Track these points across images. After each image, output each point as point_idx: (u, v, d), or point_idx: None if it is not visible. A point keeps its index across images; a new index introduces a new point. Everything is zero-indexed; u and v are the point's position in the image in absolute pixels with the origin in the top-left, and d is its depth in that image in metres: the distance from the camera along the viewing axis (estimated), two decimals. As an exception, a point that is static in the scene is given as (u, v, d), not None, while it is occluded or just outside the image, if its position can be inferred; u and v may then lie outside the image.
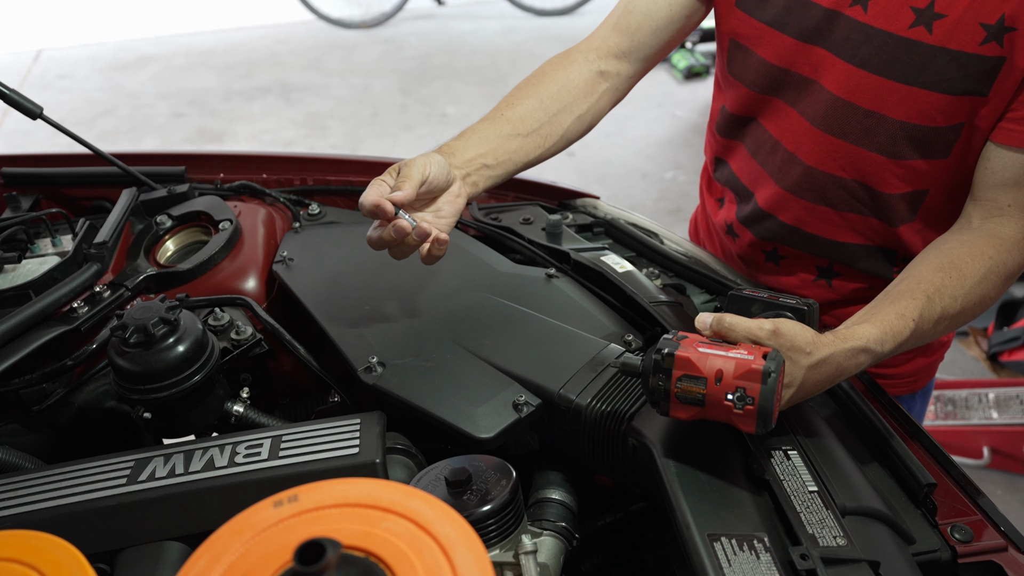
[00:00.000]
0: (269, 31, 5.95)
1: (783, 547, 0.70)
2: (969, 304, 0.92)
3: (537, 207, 1.30)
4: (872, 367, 0.87)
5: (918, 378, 1.31)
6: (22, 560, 0.60)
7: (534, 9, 5.94)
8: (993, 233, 0.96)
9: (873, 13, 0.96)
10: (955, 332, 2.45)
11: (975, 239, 0.95)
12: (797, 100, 1.07)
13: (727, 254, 1.34)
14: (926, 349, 1.28)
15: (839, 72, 1.00)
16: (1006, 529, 0.79)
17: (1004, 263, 0.94)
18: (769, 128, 1.13)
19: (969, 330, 2.86)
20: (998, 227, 0.96)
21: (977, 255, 0.93)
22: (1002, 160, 0.95)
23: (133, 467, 0.80)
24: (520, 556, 0.77)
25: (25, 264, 1.14)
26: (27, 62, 5.61)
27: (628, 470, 0.85)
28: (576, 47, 1.16)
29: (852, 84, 1.00)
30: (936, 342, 1.29)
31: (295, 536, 0.53)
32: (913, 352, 1.25)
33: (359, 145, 4.40)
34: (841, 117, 1.03)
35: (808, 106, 1.06)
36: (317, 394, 1.11)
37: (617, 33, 1.14)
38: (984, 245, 0.94)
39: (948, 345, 1.34)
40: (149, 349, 0.89)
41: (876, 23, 0.96)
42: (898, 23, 0.95)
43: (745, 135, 1.19)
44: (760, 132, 1.15)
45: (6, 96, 1.20)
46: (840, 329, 0.83)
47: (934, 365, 1.34)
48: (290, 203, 1.32)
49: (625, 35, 1.13)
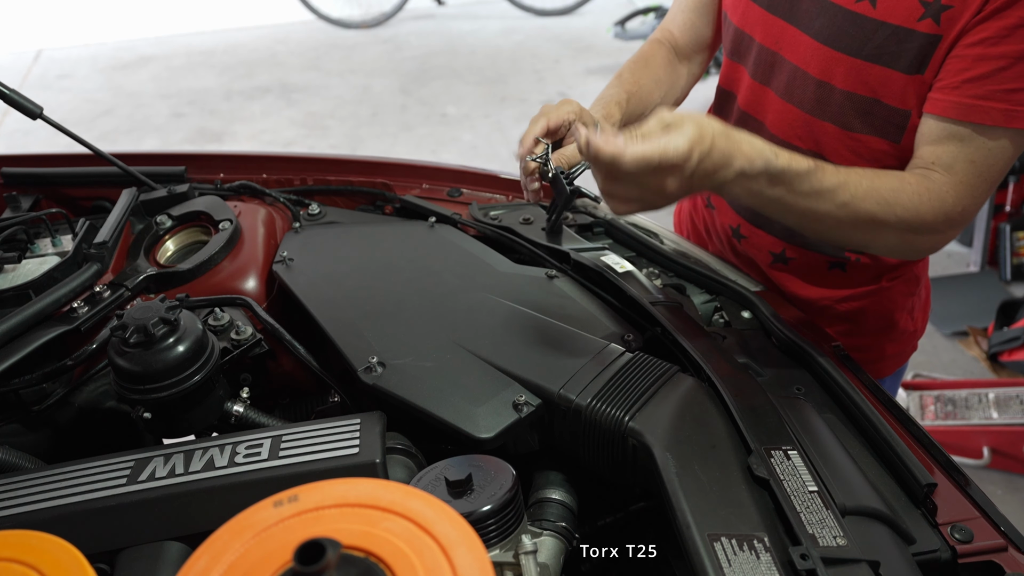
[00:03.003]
0: (269, 31, 5.95)
1: (783, 547, 0.70)
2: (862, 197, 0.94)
3: (537, 207, 1.30)
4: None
5: (885, 364, 1.33)
6: (22, 560, 0.60)
7: (534, 9, 5.94)
8: (918, 173, 0.99)
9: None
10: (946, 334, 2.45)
11: (900, 172, 1.00)
12: (764, 72, 1.13)
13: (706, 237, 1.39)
14: (895, 335, 1.30)
15: (798, 44, 1.06)
16: (1006, 529, 0.79)
17: (916, 191, 0.96)
18: (740, 99, 1.20)
19: (969, 330, 2.87)
20: (925, 173, 0.99)
21: (894, 174, 0.98)
22: (928, 125, 0.99)
23: (133, 467, 0.80)
24: (520, 556, 0.77)
25: (25, 264, 1.14)
26: (27, 62, 5.61)
27: (628, 470, 0.85)
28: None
29: (808, 55, 1.05)
30: (907, 329, 1.30)
31: (295, 536, 0.53)
32: (879, 337, 1.28)
33: (359, 145, 4.40)
34: (799, 87, 1.08)
35: (772, 77, 1.12)
36: (317, 394, 1.10)
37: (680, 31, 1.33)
38: (906, 173, 0.99)
39: (919, 334, 1.35)
40: (149, 349, 0.89)
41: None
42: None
43: (731, 112, 1.25)
44: (734, 104, 1.23)
45: (6, 96, 1.20)
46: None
47: (903, 355, 1.36)
48: (290, 203, 1.33)
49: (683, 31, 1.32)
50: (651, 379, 0.88)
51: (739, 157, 0.86)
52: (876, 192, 0.95)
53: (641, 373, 0.89)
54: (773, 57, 1.11)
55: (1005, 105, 0.92)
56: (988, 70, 0.92)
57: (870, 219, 0.95)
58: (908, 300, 1.28)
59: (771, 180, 0.89)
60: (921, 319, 1.34)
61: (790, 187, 0.90)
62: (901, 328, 1.29)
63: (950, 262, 3.29)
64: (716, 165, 0.85)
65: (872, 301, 1.24)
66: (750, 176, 0.88)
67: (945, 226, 0.99)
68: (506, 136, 4.36)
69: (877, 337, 1.29)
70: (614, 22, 5.14)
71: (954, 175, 0.97)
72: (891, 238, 0.99)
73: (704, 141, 0.83)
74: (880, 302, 1.25)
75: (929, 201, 0.96)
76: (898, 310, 1.27)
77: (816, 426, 0.86)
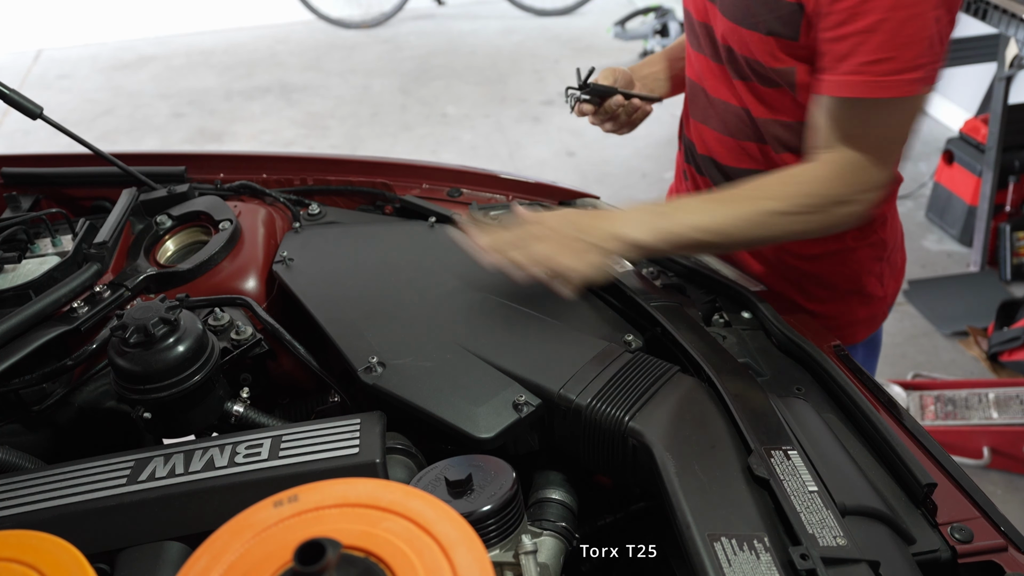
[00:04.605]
0: (269, 31, 5.95)
1: (783, 547, 0.70)
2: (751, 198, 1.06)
3: (537, 207, 1.30)
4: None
5: (857, 329, 1.39)
6: (22, 560, 0.60)
7: (534, 9, 5.94)
8: (805, 160, 1.10)
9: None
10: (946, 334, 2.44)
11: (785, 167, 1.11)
12: (701, 42, 1.24)
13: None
14: (864, 299, 1.35)
15: (718, 19, 1.17)
16: (1006, 529, 0.79)
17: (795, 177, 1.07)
18: (691, 72, 1.32)
19: (969, 330, 2.87)
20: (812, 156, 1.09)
21: (777, 172, 1.09)
22: (814, 112, 1.09)
23: (133, 467, 0.80)
24: (520, 556, 0.77)
25: (25, 264, 1.14)
26: (27, 62, 5.61)
27: (628, 470, 0.85)
28: None
29: (723, 28, 1.16)
30: (876, 295, 1.37)
31: (295, 536, 0.53)
32: (849, 301, 1.35)
33: (359, 145, 4.40)
34: (723, 52, 1.19)
35: (704, 45, 1.23)
36: (317, 394, 1.10)
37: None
38: (789, 166, 1.10)
39: (889, 301, 1.40)
40: (149, 349, 0.89)
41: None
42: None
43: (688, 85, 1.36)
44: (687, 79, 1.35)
45: (6, 96, 1.20)
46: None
47: (875, 320, 1.41)
48: (290, 203, 1.32)
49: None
50: (651, 379, 0.88)
51: (613, 212, 1.06)
52: (760, 190, 1.06)
53: (641, 373, 0.89)
54: (704, 28, 1.22)
55: (868, 78, 0.99)
56: (849, 48, 0.99)
57: (771, 212, 1.05)
58: (876, 265, 1.33)
59: (661, 214, 1.04)
60: (891, 286, 1.39)
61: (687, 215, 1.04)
62: (869, 292, 1.34)
63: (950, 262, 3.29)
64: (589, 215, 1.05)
65: (839, 261, 1.30)
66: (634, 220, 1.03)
67: (843, 199, 1.06)
68: (506, 136, 4.36)
69: (847, 301, 1.34)
70: (614, 22, 5.14)
71: (836, 151, 1.05)
72: (801, 225, 1.07)
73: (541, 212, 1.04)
74: (847, 263, 1.30)
75: (813, 180, 1.06)
76: (865, 274, 1.33)
77: (816, 426, 0.86)
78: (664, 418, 0.82)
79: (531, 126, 4.48)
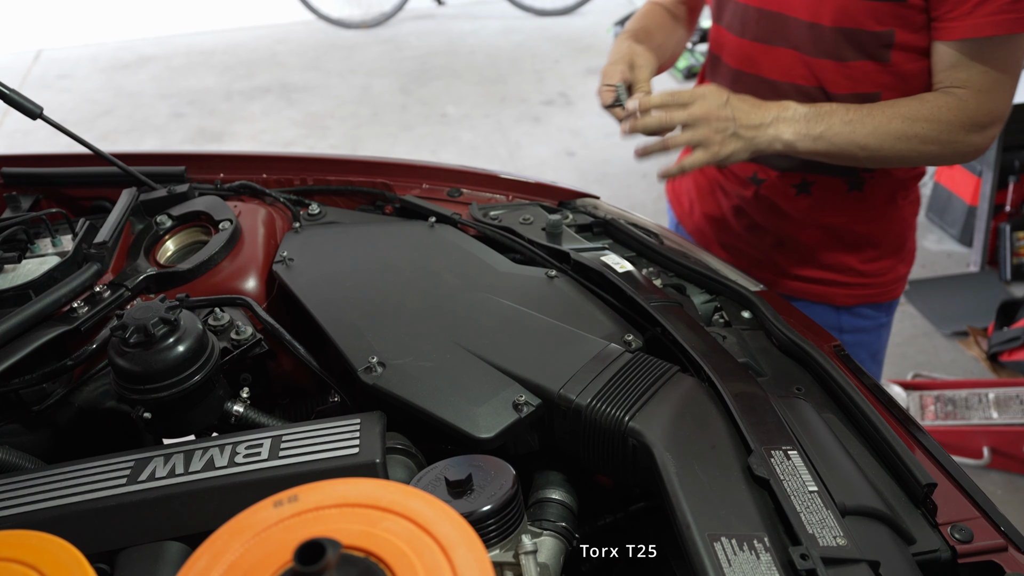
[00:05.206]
0: (269, 31, 5.95)
1: (783, 547, 0.70)
2: (889, 118, 1.17)
3: (537, 207, 1.30)
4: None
5: (897, 286, 1.50)
6: (22, 560, 0.60)
7: (534, 9, 5.94)
8: (938, 91, 1.21)
9: None
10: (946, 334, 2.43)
11: (924, 95, 1.22)
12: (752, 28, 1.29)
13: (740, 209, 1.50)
14: (903, 256, 1.47)
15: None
16: (1006, 529, 0.79)
17: (936, 103, 1.19)
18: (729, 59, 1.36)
19: (969, 330, 2.87)
20: (945, 91, 1.21)
21: (913, 97, 1.21)
22: (940, 52, 1.20)
23: (133, 467, 0.80)
24: (520, 556, 0.77)
25: (25, 264, 1.14)
26: (27, 62, 5.61)
27: (628, 470, 0.85)
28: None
29: (795, 2, 1.22)
30: (912, 248, 1.49)
31: (295, 536, 0.53)
32: (894, 259, 1.47)
33: (359, 145, 4.40)
34: (793, 34, 1.25)
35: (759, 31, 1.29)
36: (317, 394, 1.10)
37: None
38: (926, 94, 1.22)
39: (912, 261, 1.51)
40: (149, 349, 0.89)
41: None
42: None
43: (722, 72, 1.39)
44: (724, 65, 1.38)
45: (6, 96, 1.20)
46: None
47: (906, 277, 1.54)
48: (290, 203, 1.32)
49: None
50: (651, 379, 0.88)
51: (766, 104, 1.15)
52: (899, 110, 1.17)
53: (641, 373, 0.89)
54: (759, 13, 1.27)
55: (1014, 15, 1.11)
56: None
57: (901, 134, 1.16)
58: (914, 220, 1.46)
59: (809, 119, 1.14)
60: (913, 249, 1.52)
61: (828, 122, 1.15)
62: (909, 247, 1.47)
63: (950, 262, 3.29)
64: (749, 104, 1.14)
65: (887, 219, 1.40)
66: (790, 120, 1.14)
67: (976, 127, 1.18)
68: (506, 136, 4.36)
69: (893, 259, 1.45)
70: (614, 22, 5.14)
71: (971, 85, 1.17)
72: (931, 146, 1.18)
73: (717, 87, 1.14)
74: (894, 220, 1.41)
75: (950, 109, 1.17)
76: (908, 229, 1.45)
77: (816, 426, 0.86)
78: (664, 418, 0.82)
79: (531, 126, 4.48)
